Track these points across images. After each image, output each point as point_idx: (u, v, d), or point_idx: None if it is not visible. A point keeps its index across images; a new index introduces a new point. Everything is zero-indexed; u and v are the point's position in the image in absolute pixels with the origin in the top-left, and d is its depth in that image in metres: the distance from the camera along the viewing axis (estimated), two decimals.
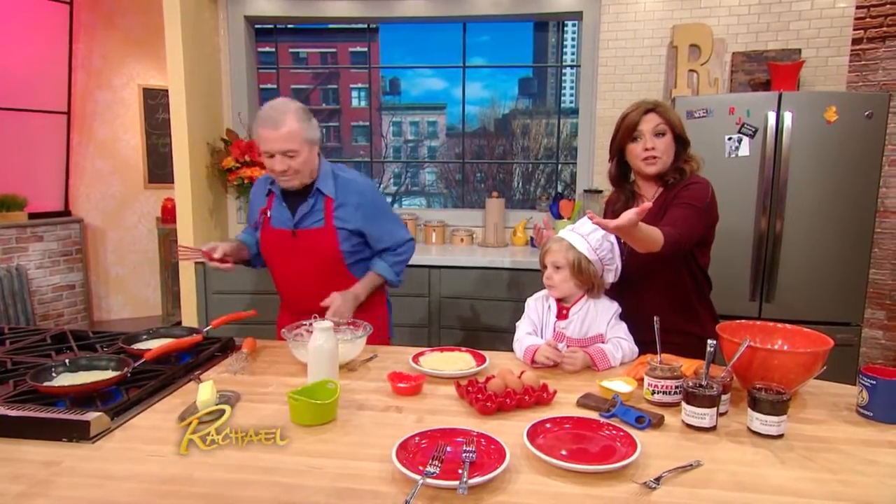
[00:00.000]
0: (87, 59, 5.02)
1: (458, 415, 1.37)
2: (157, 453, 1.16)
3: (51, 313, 4.85)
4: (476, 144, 4.24)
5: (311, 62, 4.49)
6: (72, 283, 5.01)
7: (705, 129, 2.92)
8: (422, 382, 1.51)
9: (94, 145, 5.20)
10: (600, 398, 1.41)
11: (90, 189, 5.23)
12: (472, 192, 4.13)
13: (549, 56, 4.15)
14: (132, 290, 5.54)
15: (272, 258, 2.07)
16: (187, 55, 3.44)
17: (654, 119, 1.79)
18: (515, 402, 1.38)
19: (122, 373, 1.44)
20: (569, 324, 1.75)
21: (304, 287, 2.01)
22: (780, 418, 1.23)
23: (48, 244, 4.79)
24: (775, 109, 2.85)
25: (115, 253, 5.44)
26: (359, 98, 4.33)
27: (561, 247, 1.75)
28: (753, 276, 2.97)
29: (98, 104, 5.17)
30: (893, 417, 1.31)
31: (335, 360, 1.47)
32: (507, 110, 4.38)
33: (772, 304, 2.98)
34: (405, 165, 4.61)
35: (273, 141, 1.83)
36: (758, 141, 2.88)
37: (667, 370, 1.39)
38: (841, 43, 3.48)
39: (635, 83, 3.65)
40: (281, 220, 2.00)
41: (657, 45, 3.61)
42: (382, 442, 1.18)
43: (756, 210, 2.92)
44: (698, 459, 1.14)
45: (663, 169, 1.81)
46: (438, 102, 4.42)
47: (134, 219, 5.49)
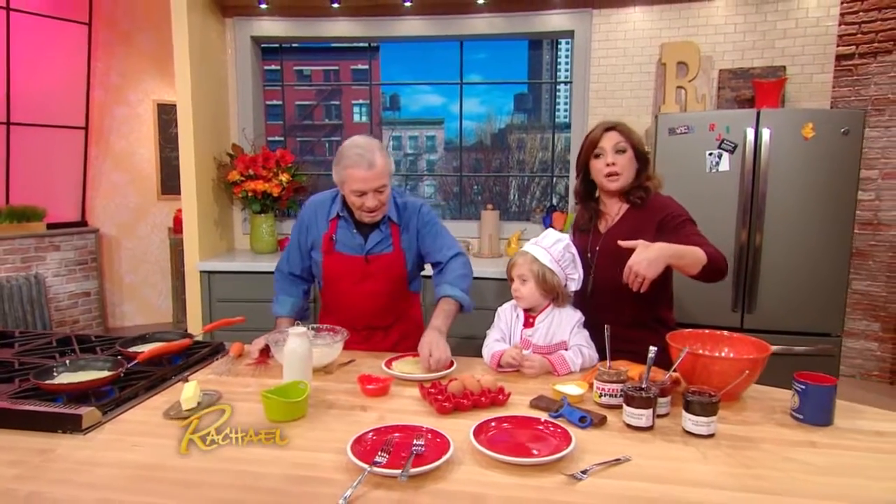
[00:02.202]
0: (105, 77, 5.25)
1: (418, 414, 1.48)
2: (141, 444, 1.30)
3: (67, 320, 5.04)
4: (473, 158, 4.37)
5: (315, 79, 4.66)
6: (87, 291, 5.21)
7: (687, 144, 3.02)
8: (389, 384, 1.62)
9: (111, 158, 5.41)
10: (551, 400, 1.51)
11: (106, 200, 5.43)
12: (470, 204, 4.26)
13: (544, 73, 4.28)
14: (144, 298, 5.73)
15: (340, 282, 2.09)
16: (195, 73, 3.61)
17: (615, 137, 1.90)
18: (472, 403, 1.49)
19: (115, 372, 1.57)
20: (535, 331, 1.86)
21: (371, 306, 2.09)
22: (709, 419, 1.32)
23: (65, 253, 4.99)
24: (754, 126, 2.94)
25: (129, 262, 5.64)
26: (360, 113, 4.49)
27: (525, 260, 1.86)
28: (735, 287, 3.05)
29: (115, 119, 5.38)
30: (821, 420, 1.40)
31: (308, 363, 1.60)
32: (503, 125, 4.52)
33: (753, 314, 3.05)
34: (405, 178, 4.74)
35: (368, 180, 1.86)
36: (737, 156, 2.97)
37: (613, 375, 1.50)
38: (825, 60, 3.56)
39: (625, 99, 3.76)
40: (352, 247, 2.05)
41: (646, 62, 3.71)
42: (343, 437, 1.29)
43: (736, 223, 3.00)
44: (627, 455, 1.24)
45: (625, 184, 1.92)
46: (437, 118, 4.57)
47: (147, 229, 5.68)
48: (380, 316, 2.10)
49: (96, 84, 5.17)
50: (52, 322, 4.86)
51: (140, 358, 1.65)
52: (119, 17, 5.24)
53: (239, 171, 3.83)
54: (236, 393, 1.59)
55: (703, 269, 1.67)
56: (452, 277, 2.03)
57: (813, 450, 1.28)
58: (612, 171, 1.89)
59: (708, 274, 1.71)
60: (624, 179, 1.91)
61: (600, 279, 1.97)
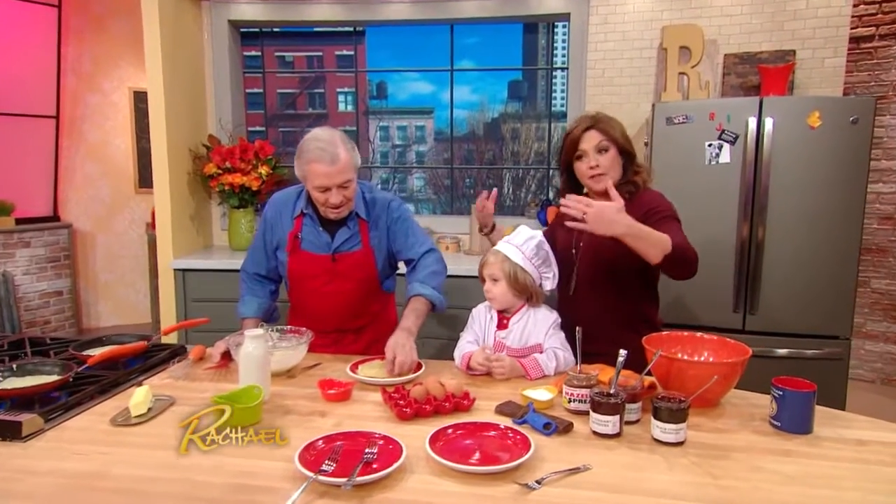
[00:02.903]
0: (77, 63, 5.29)
1: (378, 420, 1.51)
2: (81, 452, 1.33)
3: (37, 320, 5.10)
4: (465, 149, 4.40)
5: (298, 66, 4.70)
6: (59, 290, 5.26)
7: (685, 135, 3.03)
8: (350, 389, 1.65)
9: (84, 149, 5.46)
10: (518, 406, 1.54)
11: (79, 194, 5.49)
12: (462, 198, 4.28)
13: (540, 58, 4.28)
14: (121, 297, 5.78)
15: (306, 282, 2.12)
16: (167, 60, 3.64)
17: (595, 137, 1.91)
18: (434, 409, 1.52)
19: (64, 377, 1.61)
20: (508, 333, 1.88)
21: (340, 307, 2.11)
22: (678, 426, 1.34)
23: (35, 250, 5.04)
24: (756, 115, 2.94)
25: (105, 259, 5.69)
26: (345, 102, 4.52)
27: (497, 259, 1.88)
28: (736, 286, 3.06)
29: (88, 108, 5.43)
30: (799, 427, 1.42)
31: (265, 367, 1.62)
32: (497, 114, 4.54)
33: (756, 315, 3.06)
34: (393, 171, 4.80)
35: (331, 175, 1.89)
36: (739, 147, 2.97)
37: (583, 379, 1.52)
38: (837, 43, 3.55)
39: (624, 86, 3.77)
40: (318, 245, 2.08)
41: (646, 46, 3.72)
42: (295, 444, 1.32)
43: (738, 218, 3.01)
44: (588, 464, 1.26)
45: (613, 183, 1.93)
46: (426, 107, 4.59)
47: (124, 224, 5.74)
48: (350, 318, 2.13)
49: (67, 70, 5.21)
50: (21, 323, 4.92)
51: (90, 361, 1.69)
52: (91, 0, 5.28)
53: (215, 163, 3.86)
54: (190, 398, 1.62)
55: (665, 258, 1.67)
56: (424, 275, 2.05)
57: (786, 459, 1.30)
58: (596, 173, 1.91)
59: (672, 265, 1.71)
60: (610, 178, 1.92)
61: (584, 276, 1.99)
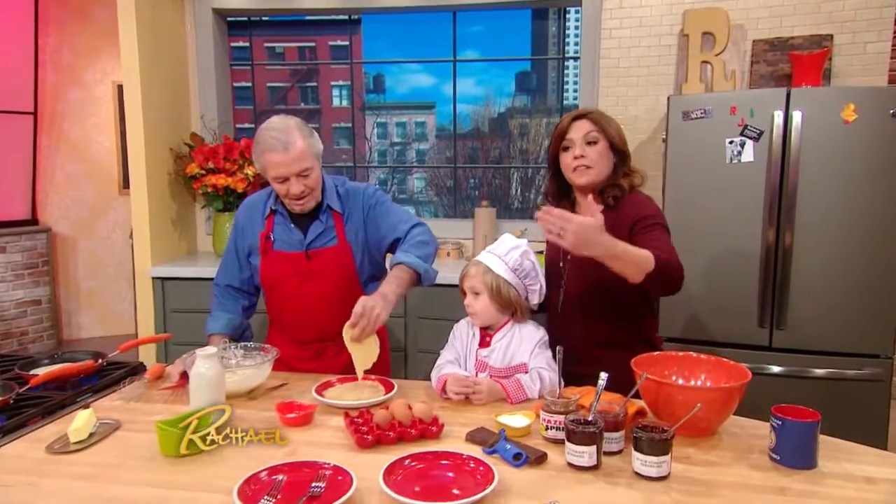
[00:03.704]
0: (57, 54, 5.38)
1: (337, 448, 1.51)
2: (6, 483, 1.34)
3: (13, 331, 5.19)
4: (469, 147, 4.39)
5: (289, 57, 4.73)
6: (37, 299, 5.36)
7: (703, 131, 2.98)
8: (311, 413, 1.65)
9: (65, 148, 5.56)
10: (490, 433, 1.52)
11: (60, 195, 5.58)
12: (466, 200, 4.28)
13: (550, 48, 4.26)
14: (105, 306, 5.86)
15: (281, 286, 2.15)
16: (145, 51, 3.69)
17: (586, 126, 1.90)
18: (398, 435, 1.51)
19: (4, 398, 1.63)
20: (491, 352, 1.87)
21: (318, 311, 2.12)
22: (660, 458, 1.32)
23: (11, 256, 5.14)
24: (783, 108, 2.89)
25: (87, 265, 5.78)
26: (340, 97, 4.54)
27: (478, 270, 1.87)
28: (761, 298, 3.00)
29: (69, 103, 5.52)
30: (800, 462, 1.38)
31: (218, 388, 1.63)
32: (504, 109, 4.52)
33: (785, 331, 3.00)
34: (391, 171, 4.81)
35: (285, 164, 1.92)
36: (763, 144, 2.92)
37: (561, 404, 1.50)
38: (882, 26, 3.48)
39: (641, 77, 3.74)
40: (290, 243, 2.11)
41: (666, 33, 3.68)
42: (242, 474, 1.32)
43: (763, 222, 2.96)
44: (556, 500, 1.24)
45: (597, 180, 1.91)
46: (427, 101, 4.59)
47: (108, 228, 5.82)
48: (329, 323, 2.07)
49: (46, 63, 5.31)
50: None
51: (33, 382, 1.71)
52: None
53: (198, 163, 3.90)
54: (136, 422, 1.63)
55: (647, 276, 1.65)
56: (409, 245, 2.05)
57: (780, 499, 1.27)
58: (580, 164, 1.89)
59: (653, 283, 1.69)
60: (595, 174, 1.90)
61: (572, 292, 1.97)
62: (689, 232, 2.99)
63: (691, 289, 3.10)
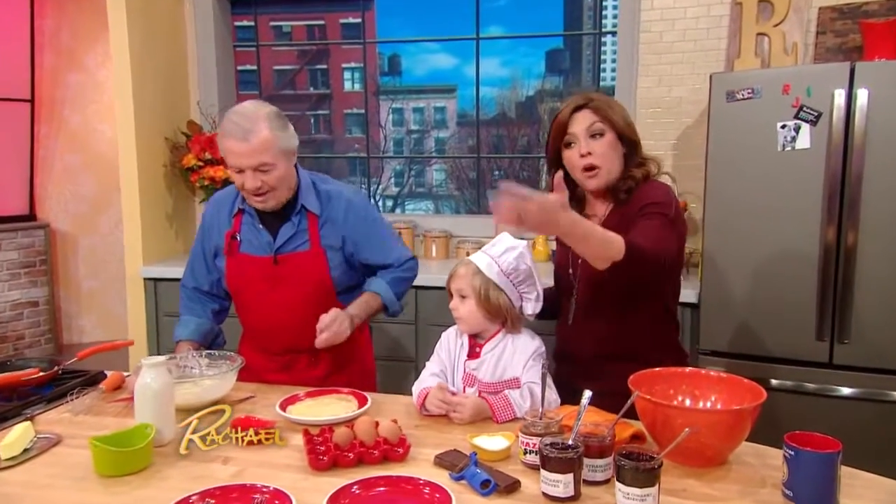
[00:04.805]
0: (55, 37, 5.54)
1: (289, 469, 1.50)
2: None
3: (9, 335, 5.36)
4: (494, 135, 4.34)
5: (297, 37, 4.76)
6: (34, 300, 5.52)
7: (751, 114, 2.89)
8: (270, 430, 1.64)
9: (64, 137, 5.71)
10: (462, 456, 1.49)
11: (59, 189, 5.74)
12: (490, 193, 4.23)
13: (585, 22, 4.20)
14: (106, 308, 6.00)
15: (245, 291, 2.16)
16: (136, 29, 3.77)
17: (588, 117, 1.85)
18: (357, 457, 1.49)
19: None
20: (480, 364, 1.84)
21: (286, 323, 2.12)
22: (644, 491, 1.26)
23: (7, 254, 5.30)
24: (846, 86, 2.78)
25: (88, 264, 5.93)
26: (352, 80, 4.55)
27: (468, 271, 1.84)
28: (820, 307, 2.89)
29: (68, 89, 5.68)
30: (815, 499, 1.30)
31: (165, 401, 1.64)
32: (533, 92, 4.47)
33: (847, 345, 2.88)
34: (408, 161, 4.80)
35: (241, 155, 1.91)
36: (822, 128, 2.82)
37: (540, 426, 1.46)
38: None
39: (687, 53, 3.64)
40: (258, 246, 2.11)
41: (716, 2, 3.59)
42: (175, 496, 1.32)
43: (821, 219, 2.85)
44: None
45: (608, 180, 1.86)
46: (448, 84, 4.56)
47: (110, 224, 5.95)
48: (299, 334, 2.08)
49: (44, 46, 5.47)
50: None
51: None
52: None
53: (194, 154, 3.96)
54: (79, 437, 1.65)
55: (613, 264, 1.61)
56: (392, 277, 2.20)
57: None
58: (588, 164, 1.84)
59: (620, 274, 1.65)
60: (606, 174, 1.86)
61: (585, 301, 1.94)
62: (735, 231, 2.91)
63: (737, 296, 3.02)
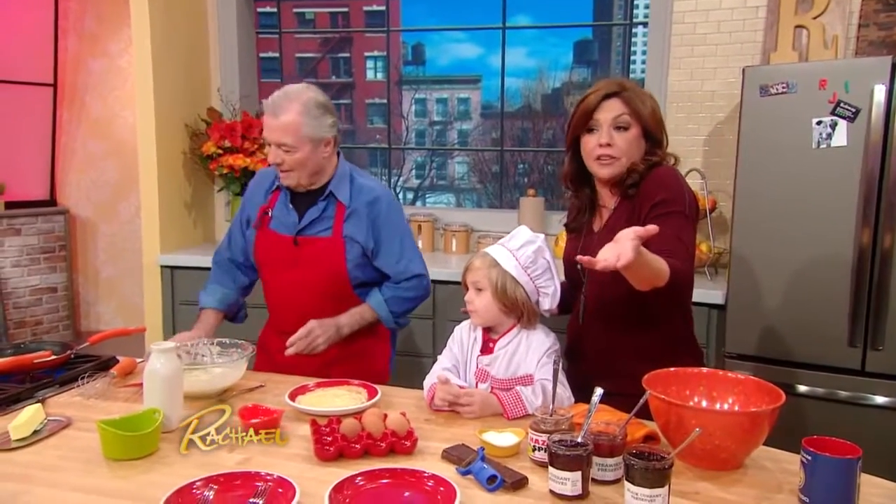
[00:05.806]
0: (79, 22, 5.63)
1: (295, 458, 1.52)
2: None
3: (28, 320, 5.47)
4: (518, 127, 4.34)
5: (320, 25, 4.79)
6: (53, 286, 5.63)
7: (786, 109, 2.86)
8: (278, 419, 1.66)
9: (86, 123, 5.81)
10: (470, 450, 1.50)
11: (80, 175, 5.84)
12: (513, 188, 4.24)
13: (615, 12, 4.17)
14: (125, 296, 6.09)
15: (267, 267, 2.28)
16: (158, 14, 3.81)
17: (617, 107, 1.83)
18: (363, 448, 1.51)
19: None
20: (493, 360, 1.85)
21: (300, 307, 2.19)
22: (653, 492, 1.26)
23: (27, 238, 5.41)
24: (887, 81, 2.74)
25: (108, 251, 6.03)
26: (375, 69, 4.56)
27: (484, 263, 1.85)
28: (853, 312, 2.85)
29: (91, 74, 5.77)
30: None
31: (174, 387, 1.67)
32: (559, 83, 4.46)
33: (882, 352, 2.85)
34: (430, 153, 4.81)
35: (269, 129, 2.09)
36: (860, 125, 2.78)
37: (550, 423, 1.46)
38: None
39: (721, 45, 3.61)
40: (284, 224, 2.22)
41: None
42: (180, 482, 1.35)
43: (856, 220, 2.81)
44: None
45: (620, 172, 1.85)
46: (472, 74, 4.56)
47: (130, 211, 6.03)
48: (305, 320, 2.15)
49: (68, 31, 5.57)
50: (8, 323, 5.30)
51: None
52: None
53: (214, 141, 4.00)
54: (89, 421, 1.68)
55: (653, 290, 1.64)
56: (395, 295, 2.25)
57: None
58: (604, 153, 1.83)
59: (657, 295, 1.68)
60: (620, 166, 1.85)
61: (594, 298, 1.93)
62: (765, 231, 2.88)
63: (766, 298, 2.99)
